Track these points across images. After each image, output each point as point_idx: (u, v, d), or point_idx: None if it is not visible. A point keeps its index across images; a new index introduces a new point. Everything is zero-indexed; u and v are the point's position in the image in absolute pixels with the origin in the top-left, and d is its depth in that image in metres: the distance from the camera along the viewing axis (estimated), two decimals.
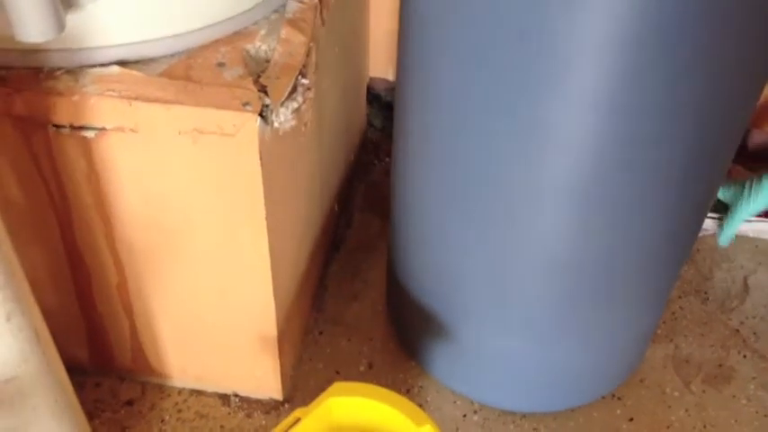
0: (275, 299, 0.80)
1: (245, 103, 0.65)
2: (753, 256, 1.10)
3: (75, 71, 0.66)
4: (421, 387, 0.94)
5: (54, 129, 0.67)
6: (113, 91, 0.65)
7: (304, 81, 0.72)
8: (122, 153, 0.68)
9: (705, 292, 1.05)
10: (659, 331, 0.99)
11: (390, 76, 1.21)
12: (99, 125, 0.66)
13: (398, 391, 0.94)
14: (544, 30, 0.58)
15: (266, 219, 0.72)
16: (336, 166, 1.06)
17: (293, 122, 0.70)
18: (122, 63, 0.67)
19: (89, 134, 0.67)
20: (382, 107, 1.24)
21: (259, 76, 0.68)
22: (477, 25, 0.62)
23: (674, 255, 0.81)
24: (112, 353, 0.90)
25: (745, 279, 1.07)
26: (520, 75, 0.62)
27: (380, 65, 1.21)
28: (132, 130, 0.66)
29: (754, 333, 0.97)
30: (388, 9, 1.12)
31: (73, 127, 0.67)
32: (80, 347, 0.90)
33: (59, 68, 0.66)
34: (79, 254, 0.79)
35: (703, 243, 1.11)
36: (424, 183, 0.79)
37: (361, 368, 0.96)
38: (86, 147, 0.68)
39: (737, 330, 1.00)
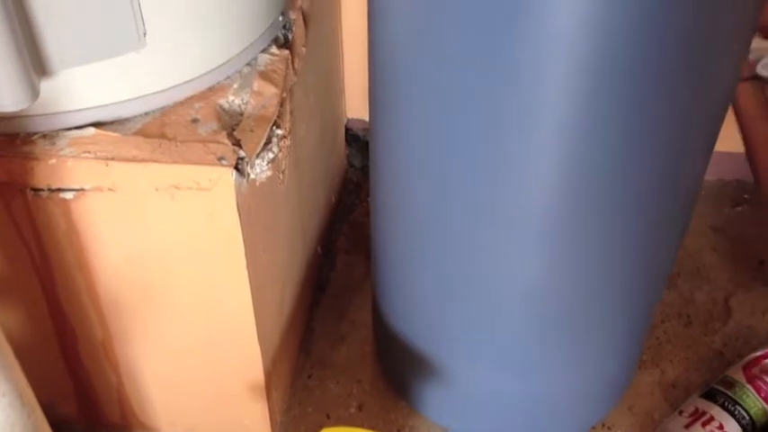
0: (261, 345, 0.81)
1: (220, 158, 0.66)
2: (732, 277, 1.11)
3: (51, 135, 0.67)
4: (412, 426, 0.94)
5: (32, 192, 0.68)
6: (90, 153, 0.66)
7: (279, 131, 0.73)
8: (101, 212, 0.69)
9: (688, 316, 1.06)
10: (644, 357, 1.00)
11: (368, 117, 1.23)
12: (77, 186, 0.67)
13: (389, 431, 0.94)
14: (507, 66, 0.60)
15: (247, 268, 0.73)
16: (318, 209, 1.07)
17: (269, 173, 0.71)
18: (98, 124, 0.68)
19: (67, 195, 0.68)
20: (361, 147, 1.25)
21: (233, 130, 0.69)
22: (442, 67, 0.63)
23: (651, 283, 0.82)
24: (101, 408, 0.89)
25: (726, 300, 1.08)
26: (486, 112, 0.64)
27: (357, 106, 1.22)
28: (110, 190, 0.67)
29: (739, 355, 0.98)
30: (362, 52, 1.14)
31: (51, 189, 0.67)
32: (68, 404, 0.89)
33: (35, 133, 0.67)
34: (63, 312, 0.79)
35: (683, 267, 1.12)
36: (402, 221, 0.81)
37: (352, 410, 0.96)
38: (65, 207, 0.69)
39: (721, 353, 1.01)
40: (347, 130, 1.25)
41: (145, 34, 0.64)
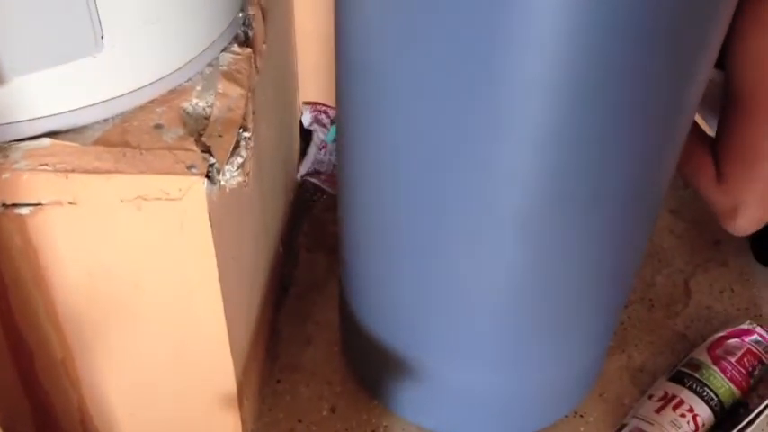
0: (232, 354, 0.78)
1: (190, 166, 0.63)
2: (690, 259, 1.13)
3: (3, 147, 0.62)
4: (386, 426, 0.93)
5: None
6: (47, 165, 0.61)
7: (246, 134, 0.70)
8: (61, 227, 0.65)
9: (650, 299, 1.08)
10: (611, 343, 1.01)
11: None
12: (34, 201, 0.63)
13: None
14: (485, 70, 0.59)
15: (219, 277, 0.69)
16: (277, 207, 1.04)
17: (239, 178, 0.68)
18: (53, 134, 0.63)
19: (23, 211, 0.63)
20: None
21: (200, 135, 0.66)
22: (422, 68, 0.62)
23: (624, 274, 0.83)
24: (61, 428, 0.85)
25: (686, 282, 1.10)
26: (463, 114, 0.63)
27: (311, 99, 1.19)
28: (71, 203, 0.63)
29: (701, 336, 1.00)
30: (316, 45, 1.11)
31: (5, 205, 0.63)
32: (25, 424, 0.84)
33: None
34: (18, 332, 0.74)
35: None
36: (374, 219, 0.79)
37: (324, 413, 0.94)
38: (21, 223, 0.64)
39: (684, 335, 1.03)
40: (301, 124, 1.22)
41: (102, 37, 0.60)
